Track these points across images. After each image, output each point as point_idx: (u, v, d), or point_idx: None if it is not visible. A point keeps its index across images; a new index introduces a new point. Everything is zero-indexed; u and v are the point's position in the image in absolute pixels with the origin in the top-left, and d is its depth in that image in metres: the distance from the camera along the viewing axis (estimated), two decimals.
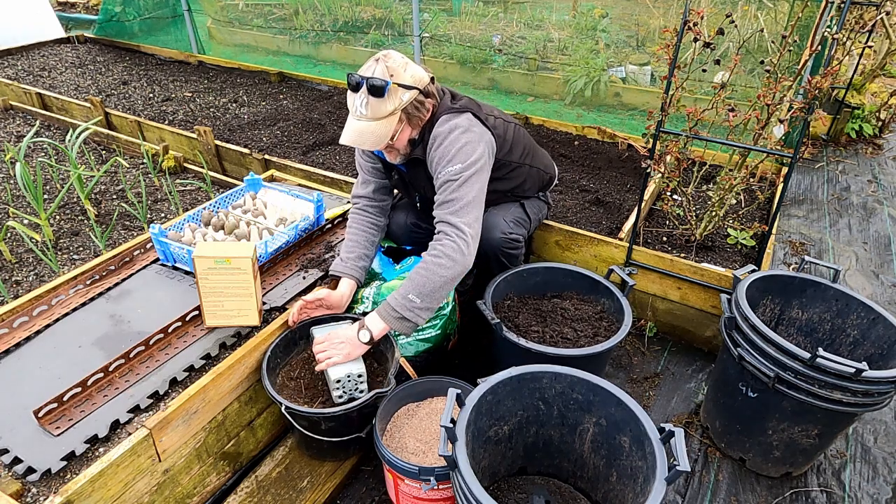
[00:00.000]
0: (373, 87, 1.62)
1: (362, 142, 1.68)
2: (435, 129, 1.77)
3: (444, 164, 1.74)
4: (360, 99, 1.65)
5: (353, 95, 1.68)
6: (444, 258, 1.66)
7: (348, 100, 1.71)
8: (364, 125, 1.67)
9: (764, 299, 1.94)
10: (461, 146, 1.74)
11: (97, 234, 2.39)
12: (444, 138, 1.75)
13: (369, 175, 2.02)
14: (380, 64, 1.65)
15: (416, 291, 1.65)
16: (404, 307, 1.65)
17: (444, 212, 1.72)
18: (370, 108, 1.65)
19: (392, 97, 1.65)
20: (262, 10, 6.04)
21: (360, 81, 1.65)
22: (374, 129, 1.67)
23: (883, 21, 3.85)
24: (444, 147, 1.74)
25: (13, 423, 1.43)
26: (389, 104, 1.65)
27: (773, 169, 3.07)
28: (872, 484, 1.85)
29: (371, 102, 1.64)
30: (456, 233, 1.68)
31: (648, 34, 4.72)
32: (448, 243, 1.67)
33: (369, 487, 1.80)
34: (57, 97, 4.09)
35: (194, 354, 1.65)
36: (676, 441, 1.25)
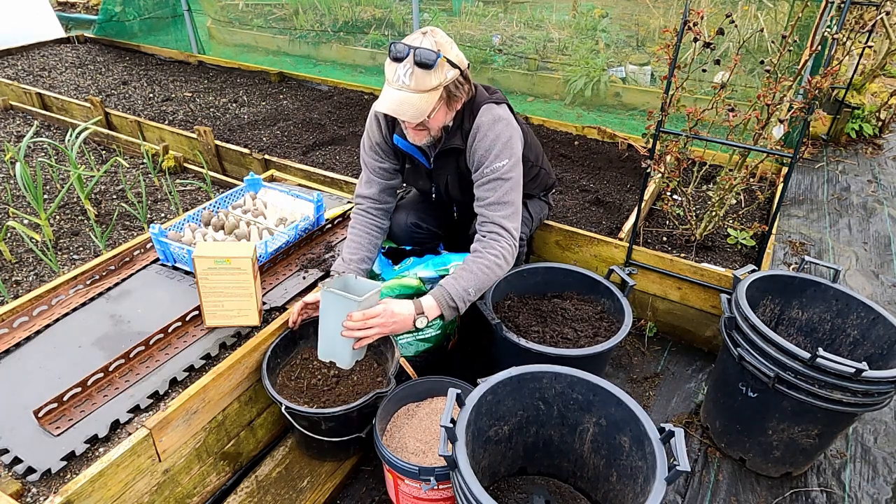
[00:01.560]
0: (422, 58, 1.58)
1: (402, 112, 1.64)
2: (479, 118, 1.76)
3: (491, 159, 1.74)
4: (404, 69, 1.60)
5: (396, 65, 1.61)
6: (503, 261, 1.72)
7: (388, 69, 1.64)
8: (406, 95, 1.62)
9: (764, 299, 1.94)
10: (507, 139, 1.75)
11: (97, 234, 2.39)
12: (489, 129, 1.75)
13: (375, 175, 1.99)
14: (427, 37, 1.61)
15: (475, 287, 1.69)
16: (461, 298, 1.67)
17: (498, 214, 1.75)
18: (415, 78, 1.60)
19: (438, 71, 1.61)
20: (262, 10, 6.04)
21: (406, 51, 1.60)
22: (416, 102, 1.63)
23: (883, 21, 3.85)
24: (491, 139, 1.74)
25: (13, 423, 1.43)
26: (434, 78, 1.62)
27: (773, 169, 3.07)
28: (872, 484, 1.85)
29: (417, 73, 1.59)
30: (510, 238, 1.75)
31: (648, 34, 4.72)
32: (506, 247, 1.73)
33: (369, 487, 1.80)
34: (57, 97, 4.09)
35: (194, 354, 1.65)
36: (676, 441, 1.25)
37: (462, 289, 1.67)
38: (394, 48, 1.61)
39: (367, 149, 1.99)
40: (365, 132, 2.00)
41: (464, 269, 1.71)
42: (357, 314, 1.58)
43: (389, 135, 1.92)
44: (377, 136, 1.95)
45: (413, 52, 1.59)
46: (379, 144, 1.95)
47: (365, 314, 1.59)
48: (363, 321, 1.58)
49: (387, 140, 1.94)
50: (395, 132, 1.89)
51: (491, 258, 1.71)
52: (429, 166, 1.94)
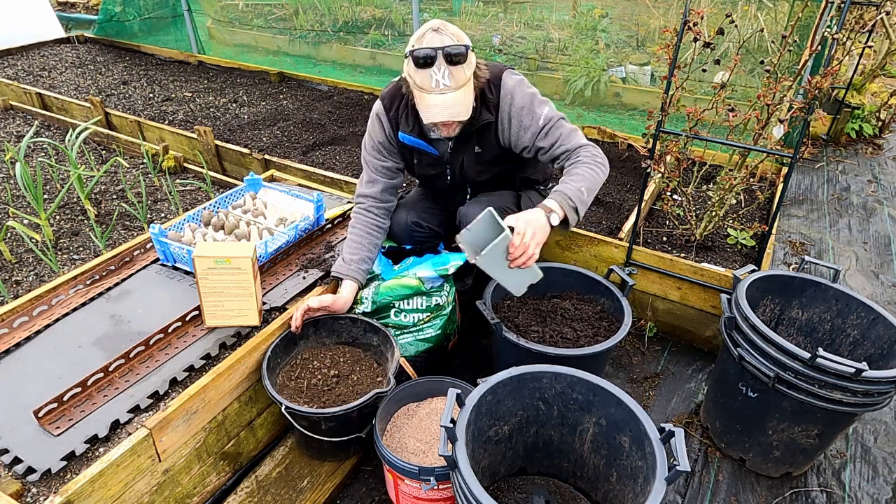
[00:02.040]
0: (452, 56, 1.60)
1: (456, 113, 1.67)
2: (505, 86, 1.81)
3: (533, 112, 1.80)
4: (440, 71, 1.61)
5: (429, 70, 1.61)
6: (601, 163, 1.77)
7: (418, 77, 1.63)
8: (451, 97, 1.63)
9: (764, 299, 1.94)
10: (534, 94, 1.84)
11: (97, 234, 2.39)
12: (518, 90, 1.81)
13: (377, 174, 1.98)
14: (443, 34, 1.62)
15: (587, 186, 1.70)
16: (579, 199, 1.68)
17: (576, 141, 1.81)
18: (453, 77, 1.61)
19: (469, 61, 1.65)
20: (262, 10, 6.04)
21: (433, 54, 1.60)
22: (461, 99, 1.65)
23: (883, 21, 3.85)
24: (527, 97, 1.81)
25: (13, 423, 1.43)
26: (468, 69, 1.65)
27: (773, 169, 3.07)
28: (872, 484, 1.85)
29: (453, 72, 1.61)
30: (596, 150, 1.80)
31: (648, 34, 4.72)
32: (597, 155, 1.78)
33: (369, 487, 1.80)
34: (57, 97, 4.10)
35: (194, 354, 1.65)
36: (676, 441, 1.25)
37: (576, 188, 1.68)
38: (417, 54, 1.60)
39: (370, 148, 1.99)
40: (367, 132, 2.00)
41: (569, 175, 1.73)
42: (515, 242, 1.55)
43: (394, 133, 1.93)
44: (380, 135, 1.95)
45: (441, 52, 1.60)
46: (382, 143, 1.96)
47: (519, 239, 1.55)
48: (524, 247, 1.55)
49: (390, 139, 1.94)
50: (400, 129, 1.90)
51: (590, 161, 1.75)
52: (437, 154, 1.94)
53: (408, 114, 1.87)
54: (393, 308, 1.95)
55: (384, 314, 1.96)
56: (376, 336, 1.87)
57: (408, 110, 1.87)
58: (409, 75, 1.67)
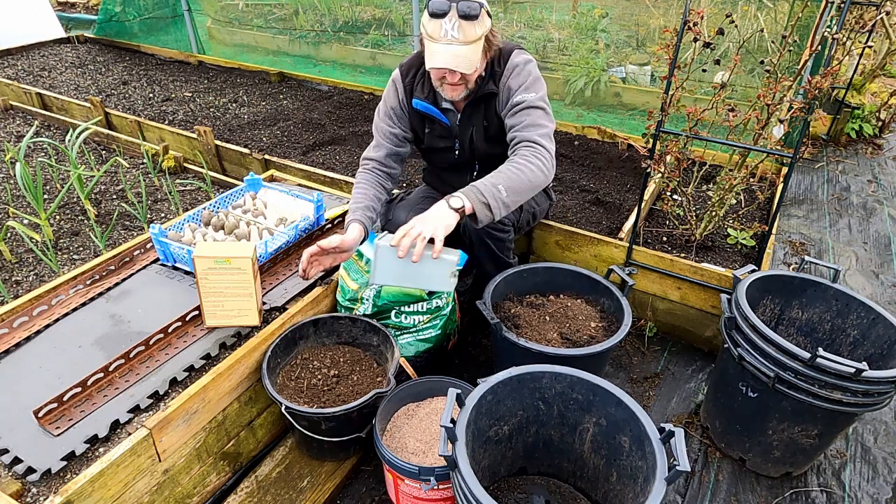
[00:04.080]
0: (466, 10, 1.65)
1: (457, 64, 1.71)
2: (513, 59, 1.86)
3: (522, 90, 1.84)
4: (450, 22, 1.66)
5: (440, 21, 1.67)
6: (535, 163, 1.73)
7: (430, 25, 1.70)
8: (456, 48, 1.69)
9: (764, 299, 1.94)
10: (537, 77, 1.88)
11: (97, 234, 2.39)
12: (523, 67, 1.86)
13: (384, 139, 2.02)
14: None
15: (505, 184, 1.67)
16: (491, 194, 1.65)
17: (532, 133, 1.79)
18: (462, 31, 1.67)
19: (481, 21, 1.70)
20: (262, 10, 6.04)
21: (447, 7, 1.66)
22: (467, 53, 1.70)
23: (883, 21, 3.85)
24: (524, 74, 1.86)
25: (13, 423, 1.43)
26: (479, 28, 1.70)
27: (773, 169, 3.07)
28: (872, 484, 1.85)
29: (463, 26, 1.66)
30: (543, 150, 1.77)
31: (648, 34, 4.72)
32: (538, 155, 1.75)
33: (369, 487, 1.80)
34: (57, 97, 4.10)
35: (194, 354, 1.65)
36: (676, 441, 1.25)
37: (490, 184, 1.66)
38: (433, 4, 1.66)
39: (382, 114, 2.04)
40: (381, 100, 2.05)
41: (497, 171, 1.72)
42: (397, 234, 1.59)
43: (407, 99, 1.98)
44: (393, 100, 2.00)
45: (456, 5, 1.65)
46: (394, 109, 2.01)
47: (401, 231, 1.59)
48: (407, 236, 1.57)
49: (403, 105, 2.00)
50: (415, 96, 1.95)
51: (520, 161, 1.72)
52: (448, 123, 1.98)
53: (423, 82, 1.94)
54: (393, 310, 1.95)
55: (385, 315, 1.96)
56: (376, 336, 1.87)
57: (424, 78, 1.94)
58: (423, 25, 1.74)
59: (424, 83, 1.94)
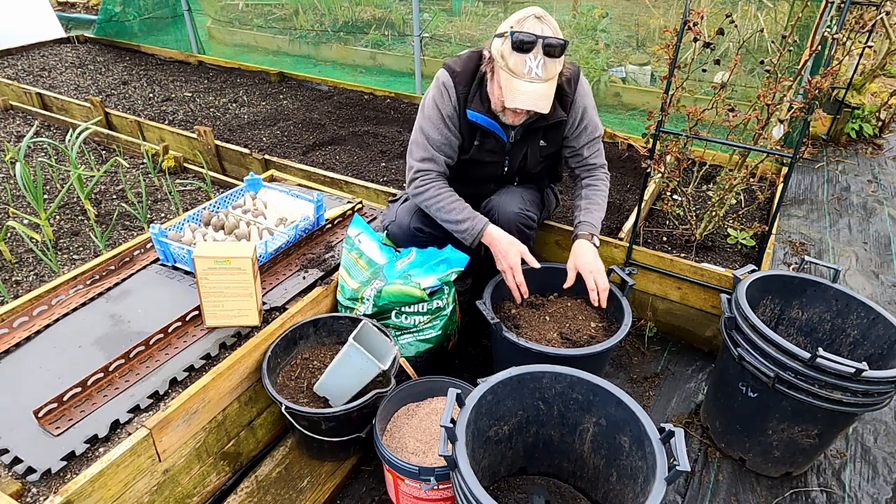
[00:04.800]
0: (552, 48, 1.61)
1: (540, 105, 1.67)
2: (581, 88, 1.92)
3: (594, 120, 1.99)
4: (535, 60, 1.61)
5: (524, 56, 1.61)
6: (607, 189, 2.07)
7: (512, 60, 1.62)
8: (539, 87, 1.64)
9: (764, 299, 1.94)
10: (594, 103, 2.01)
11: (97, 234, 2.39)
12: (590, 100, 1.97)
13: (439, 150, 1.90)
14: (545, 23, 1.62)
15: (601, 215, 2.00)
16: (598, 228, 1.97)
17: (601, 159, 2.06)
18: (546, 69, 1.63)
19: (562, 58, 1.68)
20: (262, 10, 6.04)
21: (533, 41, 1.59)
22: (548, 92, 1.67)
23: (883, 21, 3.85)
24: (592, 108, 1.98)
25: (13, 423, 1.43)
26: (559, 64, 1.67)
27: (773, 169, 3.07)
28: (872, 484, 1.85)
29: (547, 64, 1.62)
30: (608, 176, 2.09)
31: (648, 34, 4.72)
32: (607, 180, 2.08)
33: (369, 487, 1.80)
34: (57, 97, 4.10)
35: (194, 354, 1.65)
36: (676, 441, 1.25)
37: (597, 220, 1.96)
38: (519, 37, 1.60)
39: (435, 122, 1.87)
40: (429, 104, 1.89)
41: (591, 202, 1.99)
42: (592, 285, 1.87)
43: (461, 109, 1.87)
44: (447, 107, 1.86)
45: (542, 41, 1.60)
46: (450, 117, 1.87)
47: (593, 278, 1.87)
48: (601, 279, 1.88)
49: (458, 113, 1.88)
50: (472, 107, 1.85)
51: (604, 188, 2.04)
52: (506, 139, 1.92)
53: (481, 92, 1.84)
54: (394, 310, 1.95)
55: (385, 315, 1.96)
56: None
57: (481, 88, 1.83)
58: (502, 56, 1.65)
59: (482, 94, 1.83)
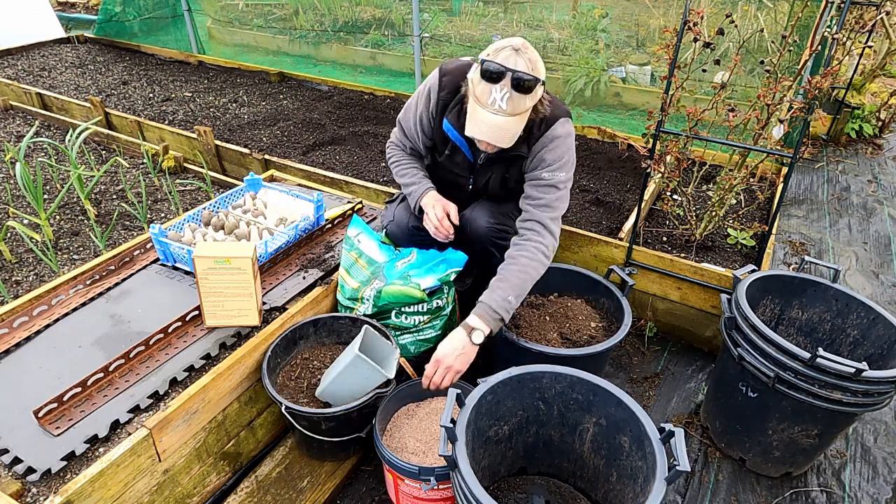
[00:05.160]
0: (520, 83, 1.53)
1: (499, 139, 1.62)
2: (555, 129, 1.77)
3: (553, 168, 1.77)
4: (501, 92, 1.54)
5: (491, 86, 1.55)
6: (538, 260, 1.72)
7: (479, 88, 1.58)
8: (502, 120, 1.58)
9: (764, 299, 1.94)
10: (571, 156, 1.80)
11: (97, 234, 2.39)
12: (561, 142, 1.78)
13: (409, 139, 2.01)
14: (521, 56, 1.55)
15: (515, 294, 1.67)
16: (504, 309, 1.65)
17: (545, 215, 1.77)
18: (511, 103, 1.56)
19: (534, 94, 1.60)
20: (262, 10, 6.04)
21: (502, 72, 1.53)
22: (511, 126, 1.60)
23: (883, 21, 3.85)
24: (560, 151, 1.78)
25: (13, 423, 1.43)
26: (529, 101, 1.59)
27: (773, 169, 3.07)
28: (872, 484, 1.85)
29: (514, 98, 1.55)
30: (550, 237, 1.76)
31: (648, 34, 4.72)
32: (542, 244, 1.74)
33: (369, 487, 1.80)
34: (57, 97, 4.10)
35: (194, 354, 1.65)
36: (676, 441, 1.25)
37: (502, 299, 1.66)
38: (487, 67, 1.55)
39: (412, 113, 1.96)
40: (414, 98, 1.97)
41: (500, 278, 1.70)
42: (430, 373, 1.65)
43: (437, 114, 1.88)
44: (424, 107, 1.91)
45: (511, 74, 1.54)
46: (423, 116, 1.92)
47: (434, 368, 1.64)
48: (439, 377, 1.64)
49: (432, 119, 1.90)
50: (447, 116, 1.85)
51: (526, 261, 1.71)
52: (473, 160, 1.92)
53: (460, 108, 1.82)
54: (394, 310, 1.95)
55: (385, 315, 1.96)
56: None
57: (460, 105, 1.82)
58: (472, 82, 1.63)
59: (460, 109, 1.81)
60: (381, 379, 1.62)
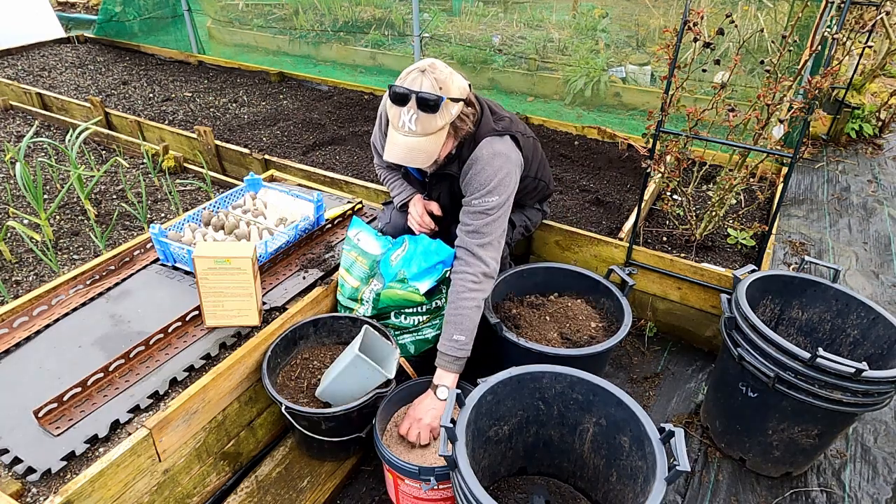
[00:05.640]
0: (424, 103, 1.55)
1: (413, 159, 1.63)
2: (477, 152, 1.74)
3: (481, 193, 1.72)
4: (409, 114, 1.57)
5: (399, 109, 1.59)
6: (468, 293, 1.70)
7: (390, 112, 1.62)
8: (414, 141, 1.60)
9: (764, 299, 1.94)
10: (502, 177, 1.73)
11: (97, 234, 2.39)
12: (485, 164, 1.72)
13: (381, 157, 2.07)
14: (427, 76, 1.56)
15: (458, 330, 1.69)
16: (455, 349, 1.68)
17: (473, 241, 1.74)
18: (420, 124, 1.57)
19: (443, 112, 1.59)
20: (262, 10, 6.04)
21: (406, 94, 1.56)
22: (425, 146, 1.61)
23: (883, 21, 3.85)
24: (486, 175, 1.72)
25: (13, 423, 1.43)
26: (440, 119, 1.59)
27: (773, 169, 3.07)
28: (872, 484, 1.86)
29: (421, 118, 1.57)
30: (479, 265, 1.73)
31: (648, 34, 4.72)
32: (470, 275, 1.72)
33: (369, 487, 1.80)
34: (57, 97, 4.10)
35: (194, 354, 1.65)
36: (676, 441, 1.25)
37: (447, 339, 1.69)
38: (394, 90, 1.58)
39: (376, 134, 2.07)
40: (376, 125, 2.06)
41: (445, 322, 1.73)
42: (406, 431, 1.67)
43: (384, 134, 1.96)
44: (377, 131, 2.06)
45: (415, 96, 1.55)
46: (378, 138, 2.06)
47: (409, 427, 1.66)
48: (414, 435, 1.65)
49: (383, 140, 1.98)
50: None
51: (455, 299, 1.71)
52: (421, 179, 2.00)
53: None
54: (393, 311, 1.95)
55: (384, 316, 1.96)
56: None
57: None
58: (386, 107, 1.69)
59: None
60: (381, 379, 1.62)
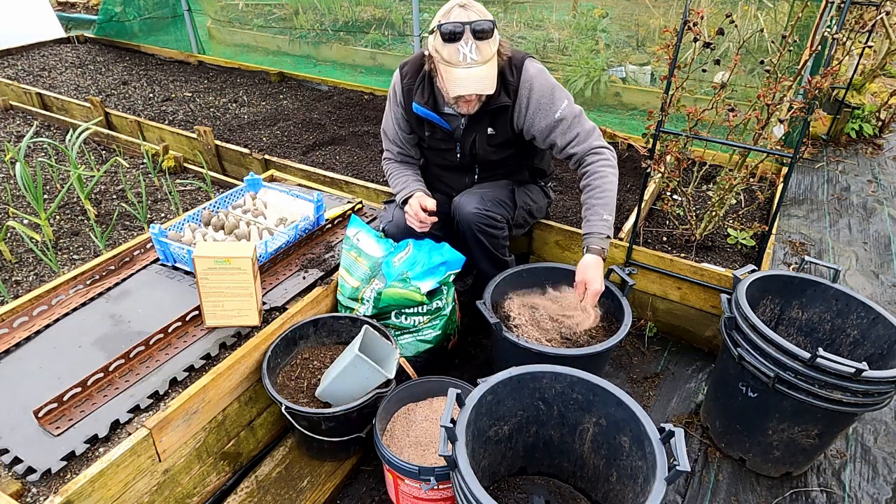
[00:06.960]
0: (480, 30, 1.65)
1: (484, 87, 1.71)
2: (526, 72, 1.85)
3: (550, 106, 1.85)
4: (467, 45, 1.65)
5: (456, 45, 1.66)
6: (612, 172, 1.87)
7: (445, 52, 1.68)
8: (479, 71, 1.69)
9: (764, 299, 1.94)
10: (555, 85, 1.87)
11: (97, 234, 2.39)
12: (542, 79, 1.85)
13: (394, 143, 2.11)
14: (469, 10, 1.67)
15: (608, 210, 1.84)
16: (606, 226, 1.82)
17: (590, 142, 1.89)
18: (479, 51, 1.66)
19: (494, 38, 1.70)
20: (262, 10, 6.04)
21: (460, 29, 1.64)
22: (489, 73, 1.70)
23: (883, 21, 3.85)
24: (547, 88, 1.85)
25: (13, 423, 1.43)
26: (493, 45, 1.70)
27: (773, 169, 3.07)
28: (872, 484, 1.85)
29: (480, 46, 1.66)
30: (608, 153, 1.89)
31: (648, 34, 4.72)
32: (603, 159, 1.87)
33: (369, 487, 1.80)
34: (57, 97, 4.10)
35: (194, 354, 1.65)
36: (676, 441, 1.25)
37: (600, 219, 1.82)
38: (446, 29, 1.65)
39: (388, 117, 2.09)
40: (387, 103, 2.09)
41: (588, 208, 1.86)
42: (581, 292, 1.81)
43: (406, 103, 1.99)
44: (394, 103, 2.04)
45: (469, 27, 1.64)
46: (396, 113, 2.05)
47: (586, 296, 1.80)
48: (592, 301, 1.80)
49: (404, 111, 2.01)
50: (415, 100, 1.94)
51: (599, 180, 1.84)
52: (450, 128, 1.99)
53: (423, 86, 1.92)
54: (393, 311, 1.95)
55: (385, 316, 1.96)
56: None
57: (424, 83, 1.92)
58: (436, 50, 1.71)
59: (424, 87, 1.92)
60: (381, 379, 1.62)
